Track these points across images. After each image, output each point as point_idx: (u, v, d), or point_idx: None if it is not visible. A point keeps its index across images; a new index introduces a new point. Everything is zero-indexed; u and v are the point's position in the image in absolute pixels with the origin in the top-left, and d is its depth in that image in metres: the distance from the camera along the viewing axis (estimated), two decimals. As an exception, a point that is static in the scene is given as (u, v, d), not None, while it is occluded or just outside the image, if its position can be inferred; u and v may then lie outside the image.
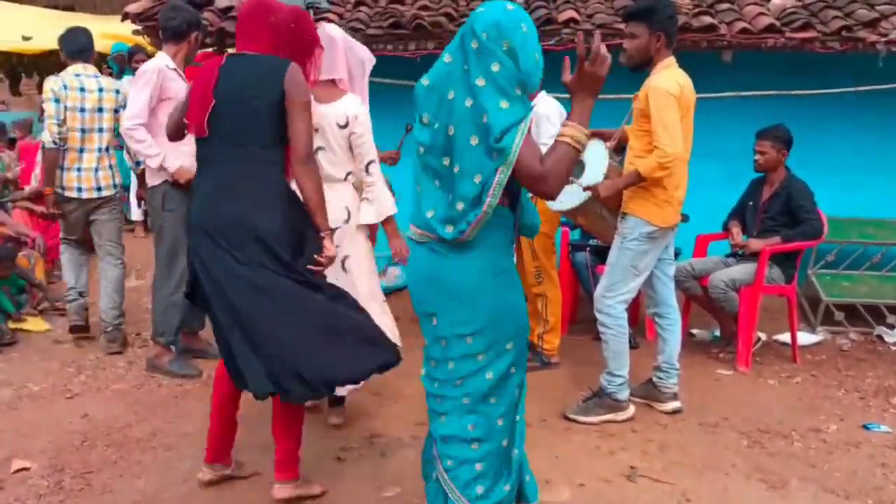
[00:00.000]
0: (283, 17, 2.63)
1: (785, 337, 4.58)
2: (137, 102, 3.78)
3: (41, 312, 5.08)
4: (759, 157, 4.36)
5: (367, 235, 3.21)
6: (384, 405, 3.64)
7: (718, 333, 4.64)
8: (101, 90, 4.27)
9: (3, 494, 2.81)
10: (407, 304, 5.13)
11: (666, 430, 3.45)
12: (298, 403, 2.61)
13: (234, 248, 2.42)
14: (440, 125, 2.01)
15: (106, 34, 8.19)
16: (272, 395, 2.49)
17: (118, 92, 4.37)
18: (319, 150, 3.04)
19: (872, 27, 4.90)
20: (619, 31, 4.80)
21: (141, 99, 3.77)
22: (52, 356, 4.34)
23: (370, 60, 3.25)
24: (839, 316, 4.92)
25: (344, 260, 3.12)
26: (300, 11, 2.76)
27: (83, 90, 4.21)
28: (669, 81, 3.22)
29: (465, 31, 2.01)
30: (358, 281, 3.12)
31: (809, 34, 4.90)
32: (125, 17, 5.41)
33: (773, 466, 3.11)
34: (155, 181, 3.91)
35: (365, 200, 3.15)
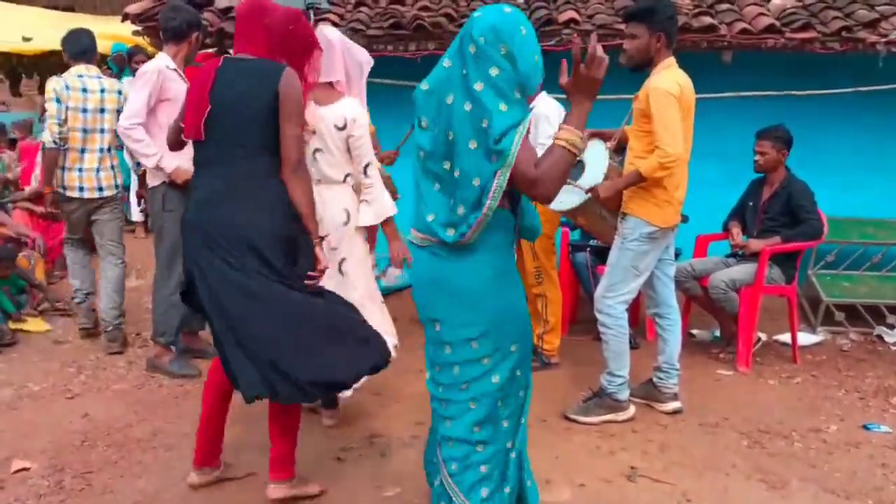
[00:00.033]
0: (278, 18, 2.62)
1: (785, 337, 4.58)
2: (135, 102, 3.78)
3: (41, 313, 5.08)
4: (759, 157, 4.36)
5: (365, 237, 3.21)
6: (384, 405, 3.64)
7: (718, 334, 4.63)
8: (103, 91, 4.28)
9: (3, 494, 2.82)
10: (406, 304, 5.14)
11: (666, 430, 3.45)
12: (288, 404, 2.60)
13: (227, 252, 2.42)
14: (439, 129, 2.01)
15: (106, 35, 8.17)
16: (260, 398, 2.48)
17: (120, 93, 4.37)
18: (318, 151, 3.04)
19: (872, 28, 4.91)
20: (619, 31, 4.80)
21: (139, 99, 3.77)
22: (52, 356, 4.34)
23: (368, 62, 3.24)
24: (839, 316, 4.92)
25: (341, 262, 3.12)
26: (297, 13, 2.75)
27: (85, 91, 4.22)
28: (670, 82, 3.22)
29: (463, 35, 2.01)
30: (355, 282, 3.12)
31: (809, 35, 4.91)
32: (125, 17, 5.43)
33: (773, 467, 3.11)
34: (155, 182, 3.91)
35: (364, 202, 3.15)
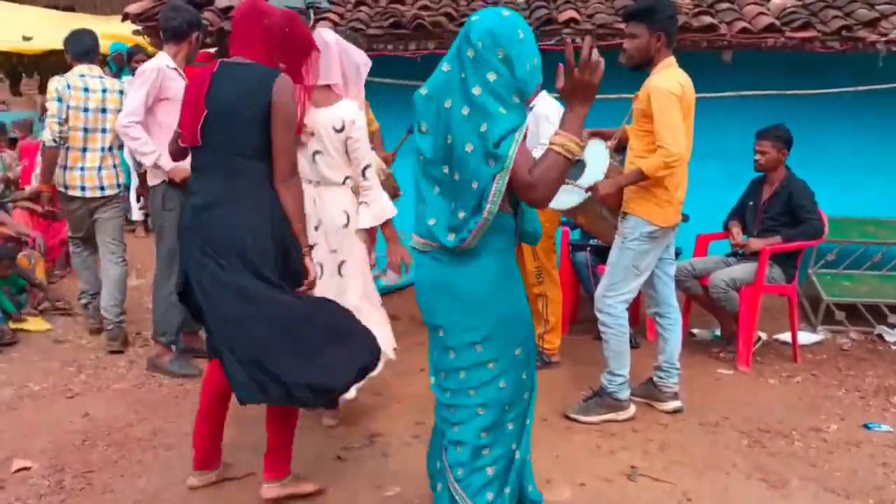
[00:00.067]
0: (276, 20, 2.60)
1: (785, 336, 4.58)
2: (134, 100, 3.78)
3: (41, 312, 5.08)
4: (759, 156, 4.36)
5: (364, 239, 3.21)
6: (385, 405, 3.64)
7: (719, 333, 4.63)
8: (104, 91, 4.29)
9: (3, 494, 2.82)
10: (406, 303, 5.16)
11: (667, 429, 3.45)
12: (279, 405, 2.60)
13: (221, 257, 2.42)
14: (439, 134, 2.01)
15: (106, 34, 8.16)
16: (255, 400, 2.48)
17: (122, 93, 4.37)
18: (317, 153, 3.05)
19: (872, 27, 4.91)
20: (619, 30, 4.80)
21: (137, 97, 3.77)
22: (52, 356, 4.34)
23: (365, 64, 3.23)
24: (840, 315, 4.92)
25: (341, 264, 3.13)
26: (294, 15, 2.75)
27: (87, 90, 4.23)
28: (671, 81, 3.21)
29: (461, 39, 2.01)
30: (354, 285, 3.13)
31: (809, 34, 4.91)
32: (125, 17, 5.43)
33: (773, 466, 3.11)
34: (155, 181, 3.91)
35: (363, 204, 3.15)
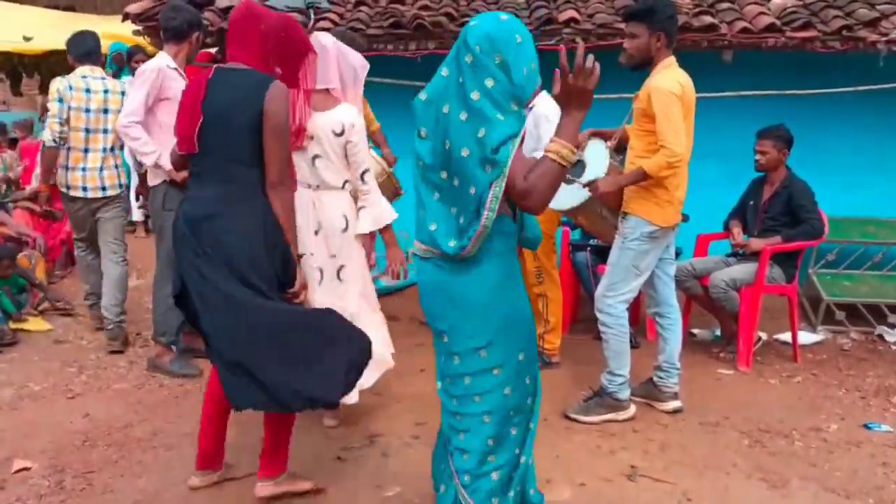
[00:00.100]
0: (272, 24, 2.59)
1: (786, 336, 4.58)
2: (134, 101, 3.78)
3: (42, 312, 5.08)
4: (760, 156, 4.36)
5: (363, 243, 3.22)
6: (385, 405, 3.64)
7: (719, 333, 4.63)
8: (106, 92, 4.30)
9: (4, 494, 2.82)
10: (406, 304, 5.15)
11: (667, 429, 3.45)
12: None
13: (215, 263, 2.42)
14: (437, 139, 2.02)
15: (106, 34, 8.16)
16: (253, 406, 2.48)
17: (124, 94, 4.37)
18: (317, 157, 3.05)
19: (873, 27, 4.91)
20: (619, 30, 4.80)
21: (137, 97, 3.77)
22: (52, 356, 4.34)
23: (363, 67, 3.22)
24: (840, 315, 4.92)
25: (340, 269, 3.13)
26: (290, 19, 2.75)
27: (89, 91, 4.24)
28: (671, 81, 3.21)
29: (459, 44, 2.01)
30: (353, 289, 3.14)
31: (810, 34, 4.91)
32: (126, 17, 5.44)
33: (773, 466, 3.11)
34: (155, 181, 3.92)
35: (362, 209, 3.15)
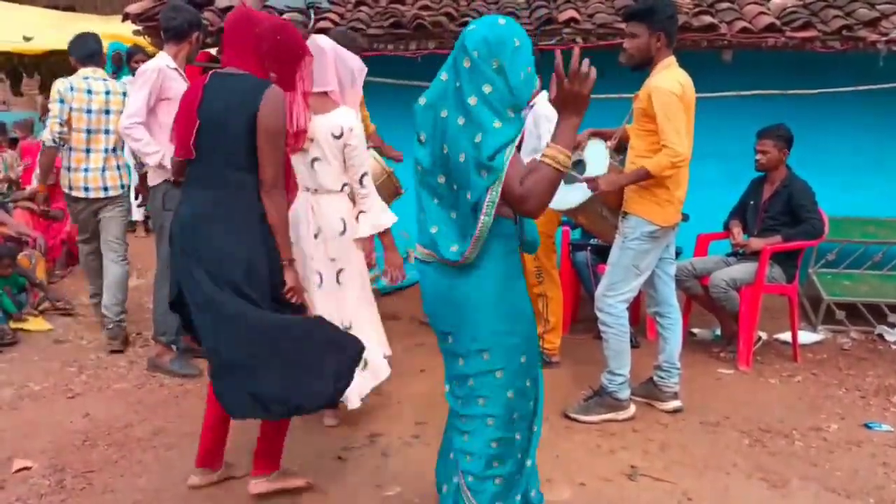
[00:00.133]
0: (267, 28, 2.59)
1: (786, 336, 4.58)
2: (135, 101, 3.79)
3: (42, 312, 5.09)
4: (760, 156, 4.36)
5: (361, 247, 3.22)
6: (385, 405, 3.64)
7: (719, 333, 4.63)
8: (108, 93, 4.31)
9: (4, 494, 2.82)
10: (407, 303, 5.15)
11: (667, 429, 3.45)
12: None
13: (209, 269, 2.42)
14: (435, 144, 2.02)
15: (106, 34, 8.16)
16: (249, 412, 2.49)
17: (125, 94, 4.38)
18: (316, 160, 3.05)
19: (873, 26, 4.91)
20: (619, 30, 4.81)
21: (139, 98, 3.77)
22: (52, 356, 4.34)
23: (361, 70, 3.22)
24: (840, 315, 4.92)
25: (339, 272, 3.13)
26: (285, 22, 2.75)
27: (90, 92, 4.25)
28: (671, 81, 3.21)
29: (457, 49, 2.01)
30: (351, 293, 3.15)
31: (810, 33, 4.91)
32: (126, 17, 5.44)
33: (774, 465, 3.11)
34: (156, 180, 3.92)
35: (360, 213, 3.15)
